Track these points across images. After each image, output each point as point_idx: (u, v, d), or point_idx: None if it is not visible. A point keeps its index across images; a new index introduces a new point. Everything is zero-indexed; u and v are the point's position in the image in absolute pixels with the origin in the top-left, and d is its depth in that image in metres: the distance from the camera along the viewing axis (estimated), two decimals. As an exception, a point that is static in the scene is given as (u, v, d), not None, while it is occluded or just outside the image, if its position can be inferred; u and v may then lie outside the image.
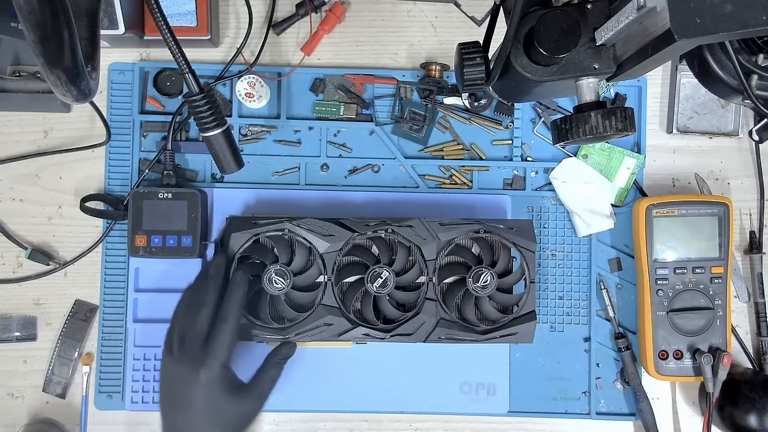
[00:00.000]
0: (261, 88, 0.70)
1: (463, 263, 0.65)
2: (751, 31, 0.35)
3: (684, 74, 0.72)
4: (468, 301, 0.64)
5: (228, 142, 0.58)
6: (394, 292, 0.63)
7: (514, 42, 0.46)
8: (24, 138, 0.73)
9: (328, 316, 0.63)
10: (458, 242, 0.65)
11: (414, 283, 0.65)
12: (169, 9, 0.69)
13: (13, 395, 0.72)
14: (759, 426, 0.65)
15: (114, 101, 0.73)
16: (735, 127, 0.73)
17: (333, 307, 0.64)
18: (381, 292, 0.63)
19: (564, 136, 0.46)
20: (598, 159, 0.73)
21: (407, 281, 0.65)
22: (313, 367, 0.71)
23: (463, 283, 0.64)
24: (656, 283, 0.69)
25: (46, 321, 0.73)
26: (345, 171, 0.73)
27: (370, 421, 0.73)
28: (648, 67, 0.43)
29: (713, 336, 0.69)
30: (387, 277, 0.62)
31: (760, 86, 0.48)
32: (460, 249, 0.66)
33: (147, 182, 0.72)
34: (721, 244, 0.69)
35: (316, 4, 0.72)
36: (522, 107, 0.73)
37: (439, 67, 0.72)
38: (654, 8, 0.38)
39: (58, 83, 0.44)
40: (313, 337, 0.64)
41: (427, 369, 0.71)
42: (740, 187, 0.74)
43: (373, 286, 0.62)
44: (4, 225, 0.73)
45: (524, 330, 0.65)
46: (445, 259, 0.65)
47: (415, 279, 0.65)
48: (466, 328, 0.64)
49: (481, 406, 0.71)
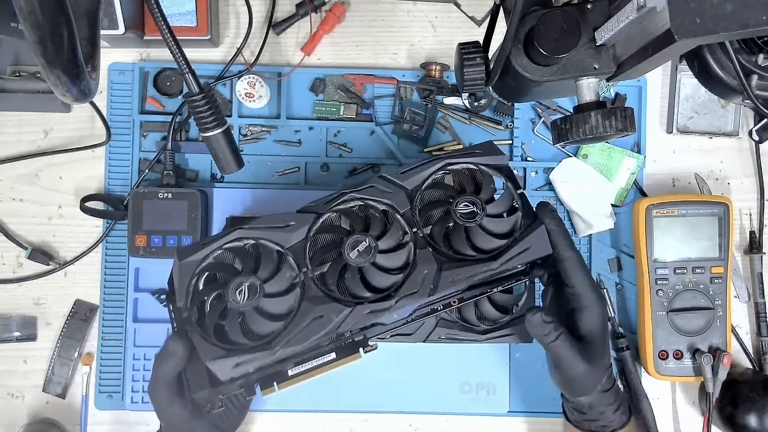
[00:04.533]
0: (261, 88, 0.70)
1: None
2: (751, 31, 0.35)
3: (684, 74, 0.72)
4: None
5: (228, 142, 0.58)
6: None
7: (514, 42, 0.46)
8: (24, 138, 0.73)
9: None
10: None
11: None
12: (169, 9, 0.69)
13: (13, 395, 0.72)
14: (759, 426, 0.65)
15: (114, 101, 0.73)
16: (735, 127, 0.73)
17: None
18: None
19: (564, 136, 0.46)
20: (598, 159, 0.73)
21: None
22: (313, 367, 0.71)
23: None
24: (656, 283, 0.69)
25: (46, 321, 0.73)
26: (345, 171, 0.73)
27: (370, 421, 0.73)
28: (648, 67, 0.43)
29: (713, 336, 0.69)
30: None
31: (760, 86, 0.48)
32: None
33: (147, 182, 0.72)
34: (721, 244, 0.69)
35: (316, 4, 0.72)
36: (522, 107, 0.73)
37: (439, 67, 0.72)
38: (654, 8, 0.38)
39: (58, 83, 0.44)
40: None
41: (427, 369, 0.71)
42: (740, 187, 0.74)
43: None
44: (4, 225, 0.73)
45: (524, 330, 0.65)
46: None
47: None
48: (466, 328, 0.64)
49: (481, 406, 0.71)
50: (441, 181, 0.59)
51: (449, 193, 0.58)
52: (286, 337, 0.53)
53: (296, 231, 0.56)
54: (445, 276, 0.55)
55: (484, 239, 0.56)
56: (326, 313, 0.54)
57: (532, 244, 0.56)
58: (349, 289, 0.56)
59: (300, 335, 0.54)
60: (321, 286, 0.55)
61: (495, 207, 0.57)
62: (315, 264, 0.56)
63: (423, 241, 0.56)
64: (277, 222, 0.56)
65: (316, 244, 0.57)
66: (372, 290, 0.56)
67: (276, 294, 0.54)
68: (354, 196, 0.57)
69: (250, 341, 0.53)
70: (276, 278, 0.54)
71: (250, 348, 0.53)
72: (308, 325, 0.54)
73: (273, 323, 0.54)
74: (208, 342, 0.53)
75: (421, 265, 0.56)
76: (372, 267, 0.55)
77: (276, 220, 0.56)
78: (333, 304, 0.55)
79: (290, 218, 0.57)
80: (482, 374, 0.71)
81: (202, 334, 0.53)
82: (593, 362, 0.54)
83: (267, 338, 0.53)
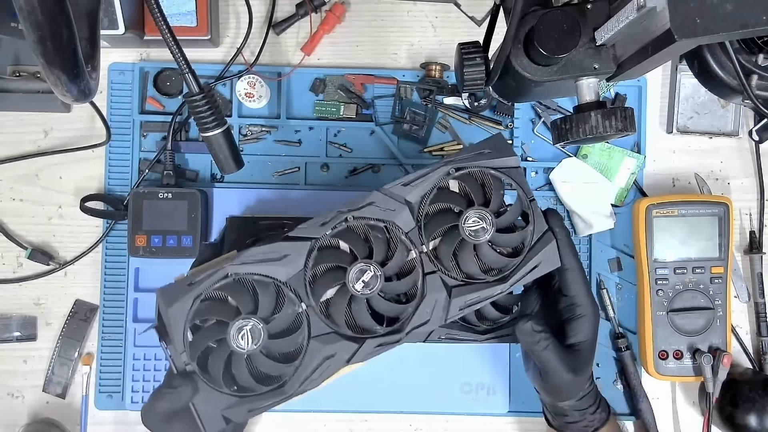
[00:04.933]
0: (261, 88, 0.70)
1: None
2: (751, 31, 0.35)
3: (684, 74, 0.72)
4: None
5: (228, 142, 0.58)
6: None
7: (514, 42, 0.46)
8: (24, 138, 0.73)
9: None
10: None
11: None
12: (169, 9, 0.69)
13: (13, 395, 0.72)
14: (759, 426, 0.65)
15: (114, 101, 0.73)
16: (735, 127, 0.73)
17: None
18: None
19: (564, 136, 0.46)
20: (598, 159, 0.73)
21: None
22: (313, 367, 0.71)
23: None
24: (656, 283, 0.69)
25: (46, 321, 0.73)
26: (345, 171, 0.73)
27: (370, 421, 0.73)
28: (648, 67, 0.43)
29: (713, 336, 0.69)
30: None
31: (760, 86, 0.48)
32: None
33: (147, 182, 0.72)
34: (721, 244, 0.69)
35: (316, 4, 0.72)
36: (522, 107, 0.73)
37: (439, 67, 0.72)
38: (654, 8, 0.38)
39: (58, 83, 0.44)
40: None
41: (427, 369, 0.71)
42: (740, 187, 0.74)
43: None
44: (4, 225, 0.73)
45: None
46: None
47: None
48: (466, 328, 0.64)
49: (481, 406, 0.71)
50: (446, 187, 0.54)
51: (455, 203, 0.53)
52: (298, 380, 0.52)
53: (292, 263, 0.52)
54: (455, 303, 0.53)
55: (493, 256, 0.53)
56: (337, 351, 0.52)
57: (543, 260, 0.53)
58: (357, 320, 0.53)
59: (312, 377, 0.52)
60: (327, 320, 0.52)
61: (506, 219, 0.54)
62: (318, 296, 0.52)
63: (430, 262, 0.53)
64: (271, 254, 0.51)
65: (316, 273, 0.53)
66: (380, 319, 0.54)
67: (281, 334, 0.51)
68: (354, 216, 0.52)
69: (260, 384, 0.51)
70: (279, 316, 0.51)
71: (263, 393, 0.51)
72: (319, 365, 0.52)
73: (282, 365, 0.51)
74: (219, 391, 0.51)
75: (431, 294, 0.53)
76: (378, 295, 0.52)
77: (269, 253, 0.51)
78: (343, 342, 0.52)
79: (284, 249, 0.51)
80: (482, 374, 0.71)
81: (209, 382, 0.51)
82: (579, 371, 0.54)
83: (278, 381, 0.52)
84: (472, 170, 0.54)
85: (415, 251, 0.53)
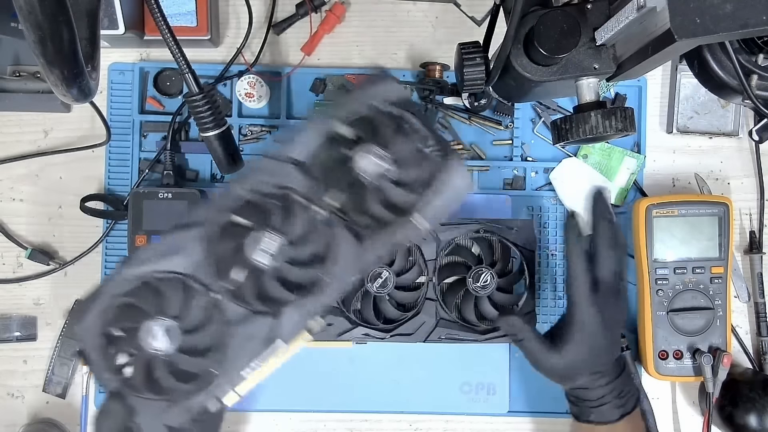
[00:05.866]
0: (261, 88, 0.70)
1: (463, 263, 0.65)
2: (751, 31, 0.35)
3: (684, 74, 0.72)
4: (468, 301, 0.64)
5: (228, 142, 0.58)
6: (394, 292, 0.63)
7: (514, 42, 0.46)
8: (24, 138, 0.73)
9: (328, 316, 0.63)
10: (458, 242, 0.65)
11: (414, 283, 0.65)
12: (169, 9, 0.69)
13: (13, 395, 0.72)
14: (759, 426, 0.65)
15: (114, 101, 0.73)
16: (735, 127, 0.73)
17: (333, 308, 0.64)
18: (381, 292, 0.62)
19: (564, 136, 0.46)
20: (598, 159, 0.73)
21: (407, 281, 0.65)
22: (313, 367, 0.71)
23: (463, 283, 0.64)
24: (656, 283, 0.69)
25: (46, 321, 0.72)
26: (345, 171, 0.73)
27: (370, 421, 0.73)
28: (648, 67, 0.43)
29: (713, 336, 0.69)
30: (387, 277, 0.62)
31: (760, 86, 0.48)
32: (460, 249, 0.66)
33: (147, 182, 0.72)
34: (721, 244, 0.69)
35: (316, 4, 0.72)
36: (522, 107, 0.73)
37: (439, 67, 0.72)
38: (654, 8, 0.38)
39: (58, 83, 0.44)
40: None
41: (427, 369, 0.71)
42: (740, 187, 0.74)
43: (373, 286, 0.62)
44: (4, 225, 0.73)
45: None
46: (445, 259, 0.65)
47: (415, 279, 0.65)
48: (466, 328, 0.64)
49: (481, 406, 0.71)
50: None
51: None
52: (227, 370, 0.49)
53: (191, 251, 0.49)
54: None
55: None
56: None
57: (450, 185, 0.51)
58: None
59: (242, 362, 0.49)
60: (239, 302, 0.49)
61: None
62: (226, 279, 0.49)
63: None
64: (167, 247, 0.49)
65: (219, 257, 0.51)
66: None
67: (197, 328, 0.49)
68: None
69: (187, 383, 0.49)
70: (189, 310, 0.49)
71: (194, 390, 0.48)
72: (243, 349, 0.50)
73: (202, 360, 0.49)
74: (144, 398, 0.48)
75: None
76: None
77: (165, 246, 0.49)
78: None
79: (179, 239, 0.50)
80: (482, 374, 0.71)
81: (135, 392, 0.48)
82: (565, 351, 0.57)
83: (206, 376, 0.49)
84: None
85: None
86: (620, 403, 0.58)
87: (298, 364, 0.70)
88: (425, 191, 0.49)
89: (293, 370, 0.70)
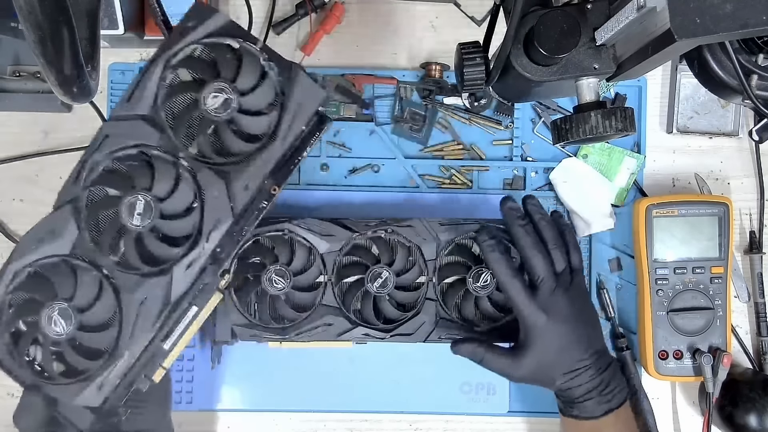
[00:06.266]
0: (261, 88, 0.70)
1: (463, 263, 0.65)
2: (751, 31, 0.35)
3: (684, 74, 0.72)
4: (468, 300, 0.64)
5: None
6: (394, 292, 0.63)
7: (514, 42, 0.46)
8: (24, 138, 0.73)
9: (328, 316, 0.63)
10: (458, 242, 0.65)
11: (414, 283, 0.65)
12: (170, 9, 0.68)
13: (13, 395, 0.72)
14: (759, 426, 0.65)
15: (114, 101, 0.73)
16: (735, 127, 0.73)
17: (333, 307, 0.63)
18: (381, 292, 0.62)
19: (564, 136, 0.46)
20: (598, 159, 0.73)
21: (407, 281, 0.64)
22: (313, 367, 0.71)
23: (463, 283, 0.64)
24: (656, 283, 0.69)
25: (46, 321, 0.72)
26: (345, 171, 0.73)
27: (370, 421, 0.73)
28: (648, 67, 0.43)
29: (713, 336, 0.69)
30: (387, 277, 0.62)
31: (760, 86, 0.48)
32: (460, 249, 0.65)
33: (147, 182, 0.72)
34: (721, 244, 0.69)
35: (316, 4, 0.72)
36: (522, 107, 0.73)
37: (439, 67, 0.72)
38: (654, 8, 0.38)
39: (58, 83, 0.44)
40: (312, 336, 0.63)
41: (427, 369, 0.71)
42: (740, 187, 0.74)
43: (373, 286, 0.62)
44: (4, 225, 0.73)
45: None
46: (445, 259, 0.65)
47: (415, 279, 0.65)
48: (466, 328, 0.64)
49: (481, 406, 0.71)
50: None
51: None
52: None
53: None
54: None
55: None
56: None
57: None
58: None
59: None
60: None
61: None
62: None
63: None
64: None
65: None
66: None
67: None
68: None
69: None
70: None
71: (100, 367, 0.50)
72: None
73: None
74: (61, 384, 0.49)
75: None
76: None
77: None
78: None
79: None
80: (482, 374, 0.70)
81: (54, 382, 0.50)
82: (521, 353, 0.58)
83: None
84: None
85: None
86: (605, 399, 0.57)
87: (298, 364, 0.71)
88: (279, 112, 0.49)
89: (293, 370, 0.71)
